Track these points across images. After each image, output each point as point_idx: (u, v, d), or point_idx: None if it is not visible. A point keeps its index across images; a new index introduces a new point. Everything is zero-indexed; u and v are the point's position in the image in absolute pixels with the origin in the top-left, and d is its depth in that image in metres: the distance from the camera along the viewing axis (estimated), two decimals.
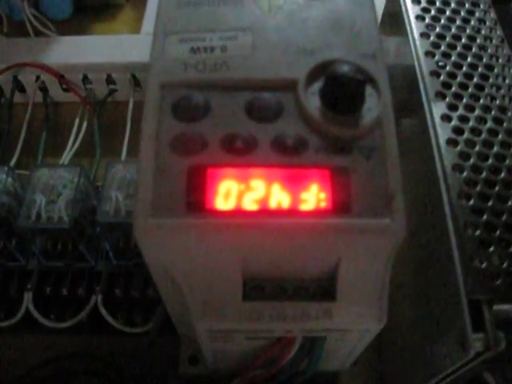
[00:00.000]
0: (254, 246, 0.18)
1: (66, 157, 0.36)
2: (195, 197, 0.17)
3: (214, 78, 0.19)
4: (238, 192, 0.17)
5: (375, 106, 0.18)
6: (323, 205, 0.17)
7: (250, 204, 0.17)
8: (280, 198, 0.17)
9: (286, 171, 0.17)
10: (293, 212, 0.17)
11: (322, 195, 0.17)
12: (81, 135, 0.37)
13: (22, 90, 0.40)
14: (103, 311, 0.29)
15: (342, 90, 0.18)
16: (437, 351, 0.21)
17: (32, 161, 0.36)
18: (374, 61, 0.19)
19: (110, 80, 0.39)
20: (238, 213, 0.17)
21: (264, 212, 0.17)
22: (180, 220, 0.17)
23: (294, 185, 0.17)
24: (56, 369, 0.30)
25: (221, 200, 0.17)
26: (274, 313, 0.19)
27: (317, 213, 0.17)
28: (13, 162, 0.35)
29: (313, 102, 0.18)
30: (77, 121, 0.38)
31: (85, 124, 0.38)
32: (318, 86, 0.19)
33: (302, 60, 0.19)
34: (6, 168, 0.29)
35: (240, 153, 0.18)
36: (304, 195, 0.17)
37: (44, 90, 0.39)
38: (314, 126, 0.18)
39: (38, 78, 0.39)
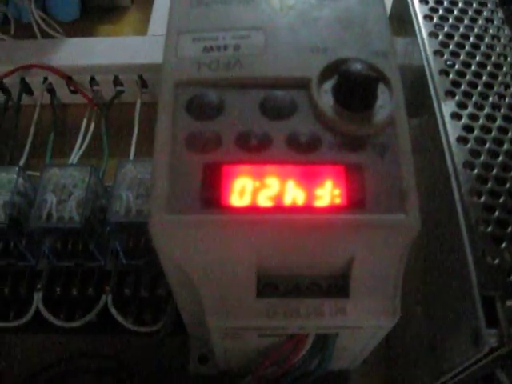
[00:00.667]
0: (269, 243, 0.18)
1: (74, 158, 0.36)
2: (210, 193, 0.17)
3: (227, 77, 0.19)
4: (252, 189, 0.17)
5: (387, 103, 0.19)
6: (338, 201, 0.17)
7: (264, 201, 0.17)
8: (295, 194, 0.17)
9: (301, 168, 0.18)
10: (307, 208, 0.17)
11: (337, 191, 0.17)
12: (88, 136, 0.37)
13: (30, 91, 0.40)
14: (113, 311, 0.29)
15: (355, 88, 0.18)
16: (448, 348, 0.22)
17: (40, 162, 0.36)
18: (385, 59, 0.20)
19: (117, 81, 0.39)
20: (252, 209, 0.17)
21: (279, 208, 0.17)
22: (195, 216, 0.17)
23: (309, 181, 0.17)
24: (66, 368, 0.30)
25: (236, 197, 0.17)
26: (288, 310, 0.19)
27: (331, 209, 0.17)
28: (21, 164, 0.35)
29: (326, 99, 0.19)
30: (84, 122, 0.38)
31: (92, 125, 0.38)
32: (330, 83, 0.19)
33: (314, 58, 0.19)
34: (17, 168, 0.29)
35: (254, 150, 0.18)
36: (318, 191, 0.17)
37: (51, 91, 0.40)
38: (328, 123, 0.18)
39: (45, 79, 0.39)
